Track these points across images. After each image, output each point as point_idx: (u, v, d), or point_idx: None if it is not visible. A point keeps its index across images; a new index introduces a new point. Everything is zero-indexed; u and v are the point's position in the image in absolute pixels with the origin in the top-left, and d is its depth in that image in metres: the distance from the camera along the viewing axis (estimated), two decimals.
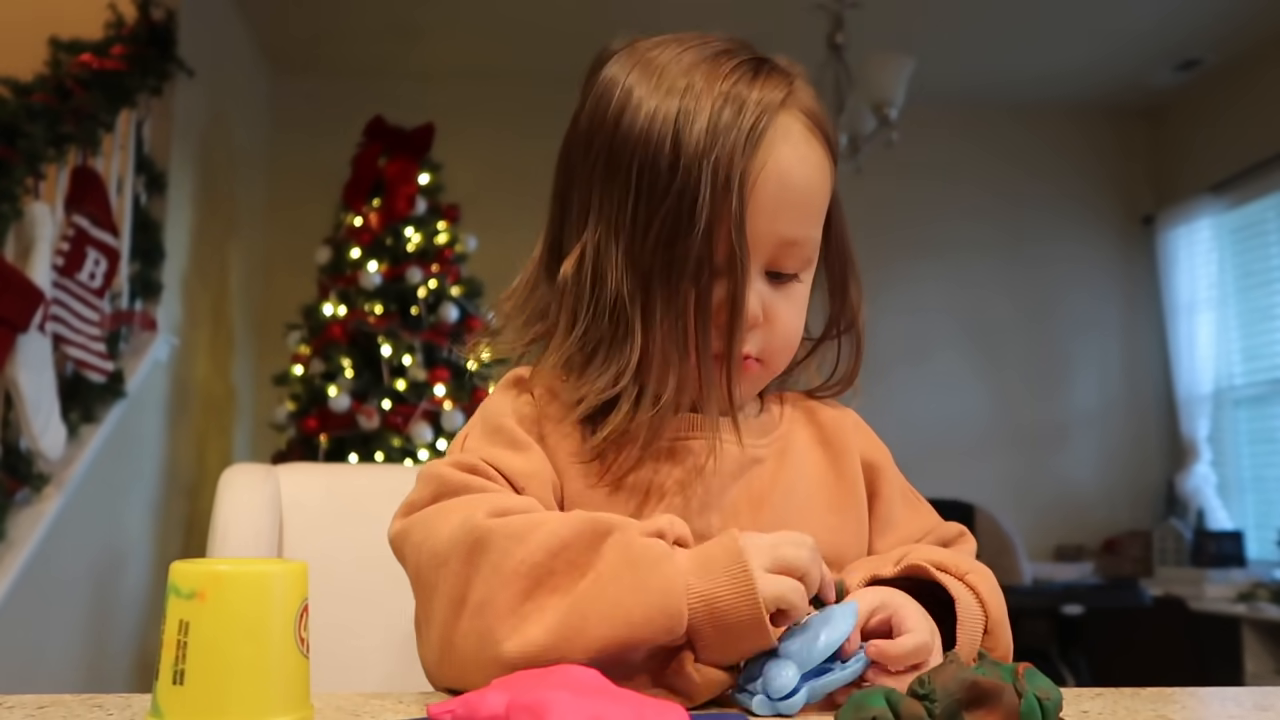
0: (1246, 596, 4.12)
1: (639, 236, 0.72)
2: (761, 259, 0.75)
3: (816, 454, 0.83)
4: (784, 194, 0.74)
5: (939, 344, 5.11)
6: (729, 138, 0.71)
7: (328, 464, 2.78)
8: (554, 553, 0.63)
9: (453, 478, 0.72)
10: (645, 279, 0.72)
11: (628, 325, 0.73)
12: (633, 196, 0.72)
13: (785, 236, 0.75)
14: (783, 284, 0.77)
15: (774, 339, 0.77)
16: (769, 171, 0.72)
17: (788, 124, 0.75)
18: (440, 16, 4.47)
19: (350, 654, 0.94)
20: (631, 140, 0.73)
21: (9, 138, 2.62)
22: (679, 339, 0.72)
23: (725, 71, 0.74)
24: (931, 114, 4.71)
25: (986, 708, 0.51)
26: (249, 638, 0.53)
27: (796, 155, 0.75)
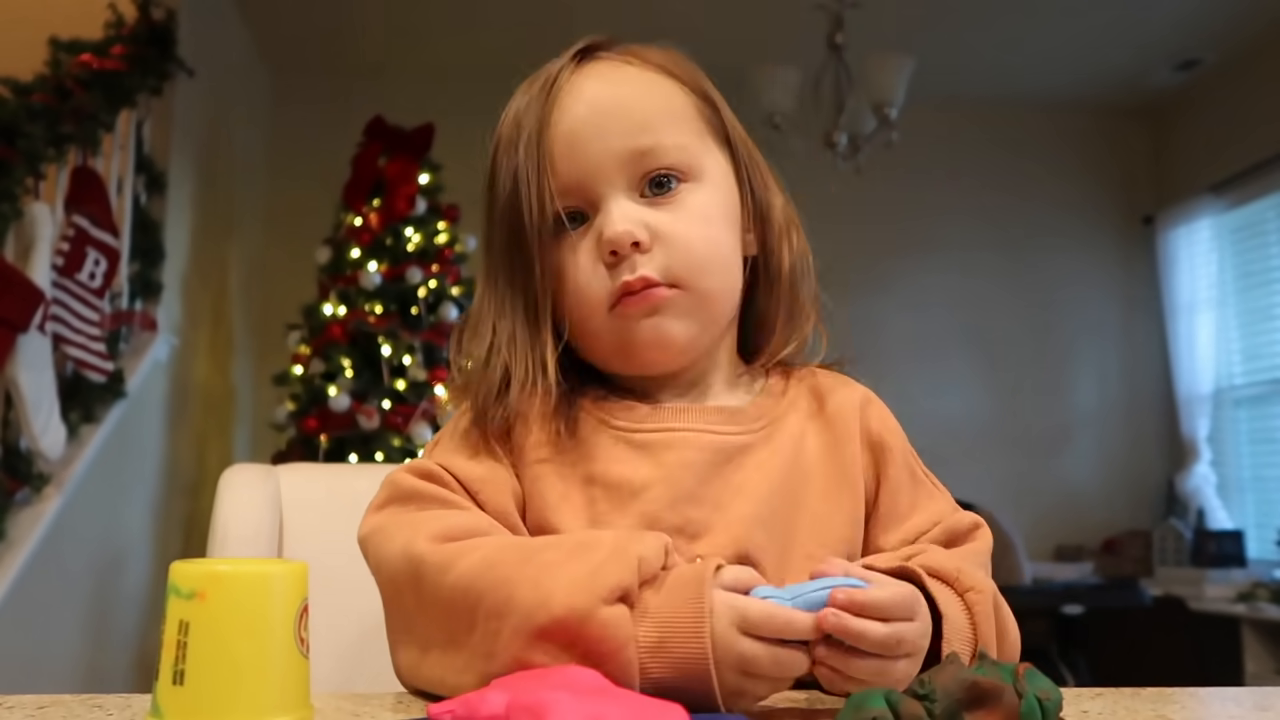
0: (1246, 596, 4.12)
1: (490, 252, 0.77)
2: (618, 183, 0.73)
3: (813, 437, 0.78)
4: (597, 115, 0.73)
5: (939, 343, 5.11)
6: (527, 114, 0.74)
7: (328, 464, 2.78)
8: (480, 573, 0.62)
9: (404, 483, 0.73)
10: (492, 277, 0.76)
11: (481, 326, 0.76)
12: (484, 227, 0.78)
13: (623, 150, 0.73)
14: (663, 198, 0.73)
15: (674, 256, 0.72)
16: (572, 107, 0.73)
17: (591, 68, 0.76)
18: (440, 16, 4.47)
19: (350, 654, 0.94)
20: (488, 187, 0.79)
21: (9, 138, 2.62)
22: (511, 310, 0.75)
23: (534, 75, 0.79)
24: (931, 114, 4.71)
25: (986, 708, 0.51)
26: (249, 638, 0.53)
27: (602, 83, 0.75)
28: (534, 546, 0.64)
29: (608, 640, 0.58)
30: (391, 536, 0.68)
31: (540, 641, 0.59)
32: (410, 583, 0.65)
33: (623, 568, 0.59)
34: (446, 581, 0.63)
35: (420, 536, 0.66)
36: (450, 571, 0.63)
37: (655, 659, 0.58)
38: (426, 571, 0.64)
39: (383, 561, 0.69)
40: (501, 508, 0.72)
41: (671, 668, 0.58)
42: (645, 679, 0.58)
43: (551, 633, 0.58)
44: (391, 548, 0.68)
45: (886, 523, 0.78)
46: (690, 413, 0.75)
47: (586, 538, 0.63)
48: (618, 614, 0.58)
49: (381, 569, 0.69)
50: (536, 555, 0.62)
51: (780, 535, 0.73)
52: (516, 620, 0.59)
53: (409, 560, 0.65)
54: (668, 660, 0.58)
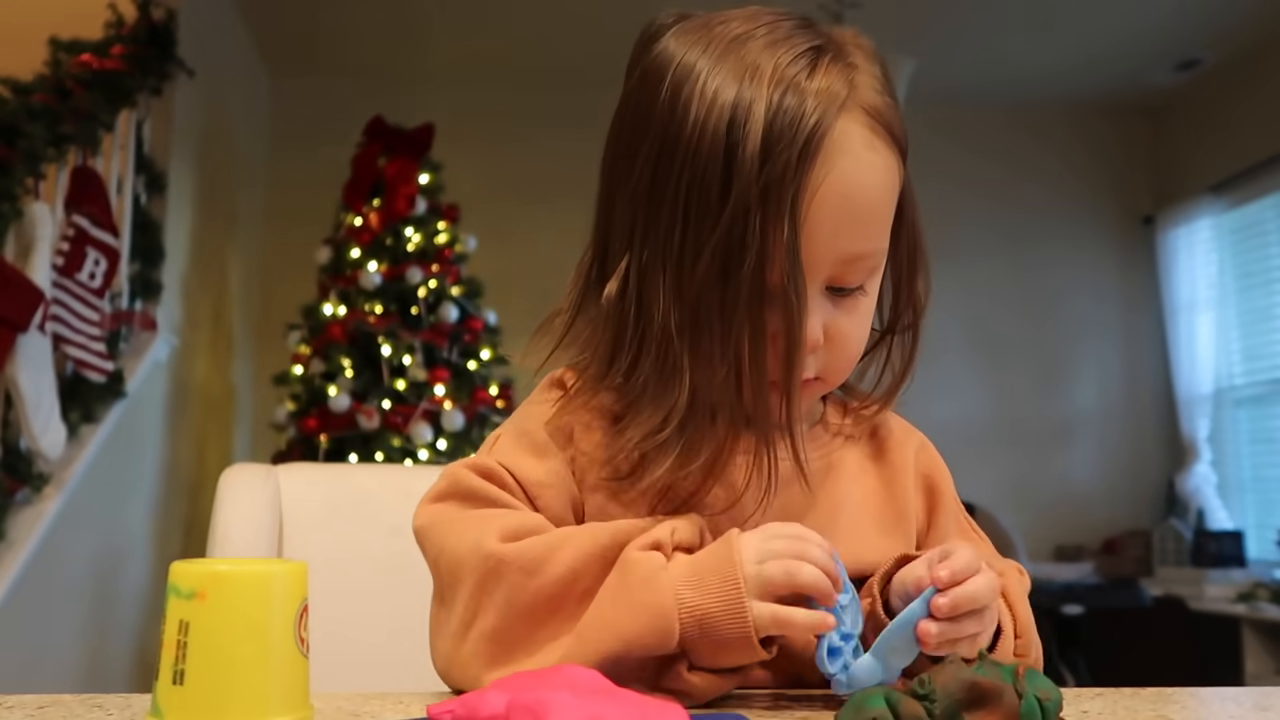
0: (1246, 596, 4.12)
1: (688, 265, 0.67)
2: (821, 278, 0.70)
3: (869, 471, 0.80)
4: (843, 210, 0.68)
5: (939, 343, 5.11)
6: (782, 157, 0.65)
7: (328, 464, 2.78)
8: (566, 584, 0.65)
9: (465, 480, 0.72)
10: (694, 312, 0.67)
11: (675, 364, 0.68)
12: (680, 223, 0.67)
13: (847, 253, 0.70)
14: (846, 298, 0.72)
15: (835, 358, 0.73)
16: (826, 189, 0.67)
17: (847, 130, 0.68)
18: (440, 16, 4.47)
19: (350, 654, 0.94)
20: (680, 153, 0.67)
21: (9, 138, 2.62)
22: (733, 374, 0.68)
23: (784, 64, 0.67)
24: (931, 114, 4.70)
25: (987, 708, 0.51)
26: (249, 638, 0.53)
27: (857, 166, 0.68)
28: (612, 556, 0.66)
29: (639, 572, 0.63)
30: (458, 530, 0.70)
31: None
32: (485, 576, 0.66)
33: (656, 530, 0.66)
34: (530, 588, 0.65)
35: (490, 535, 0.67)
36: (537, 578, 0.65)
37: (689, 588, 0.63)
38: (507, 570, 0.66)
39: (446, 552, 0.70)
40: (558, 515, 0.72)
41: (704, 594, 0.63)
42: (684, 609, 0.62)
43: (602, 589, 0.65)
44: (461, 541, 0.69)
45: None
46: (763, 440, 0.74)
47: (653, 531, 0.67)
48: (649, 554, 0.64)
49: (443, 558, 0.70)
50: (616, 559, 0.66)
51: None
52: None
53: (484, 557, 0.67)
54: (700, 588, 0.63)
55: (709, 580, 0.63)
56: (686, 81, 0.68)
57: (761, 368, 0.68)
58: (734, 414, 0.70)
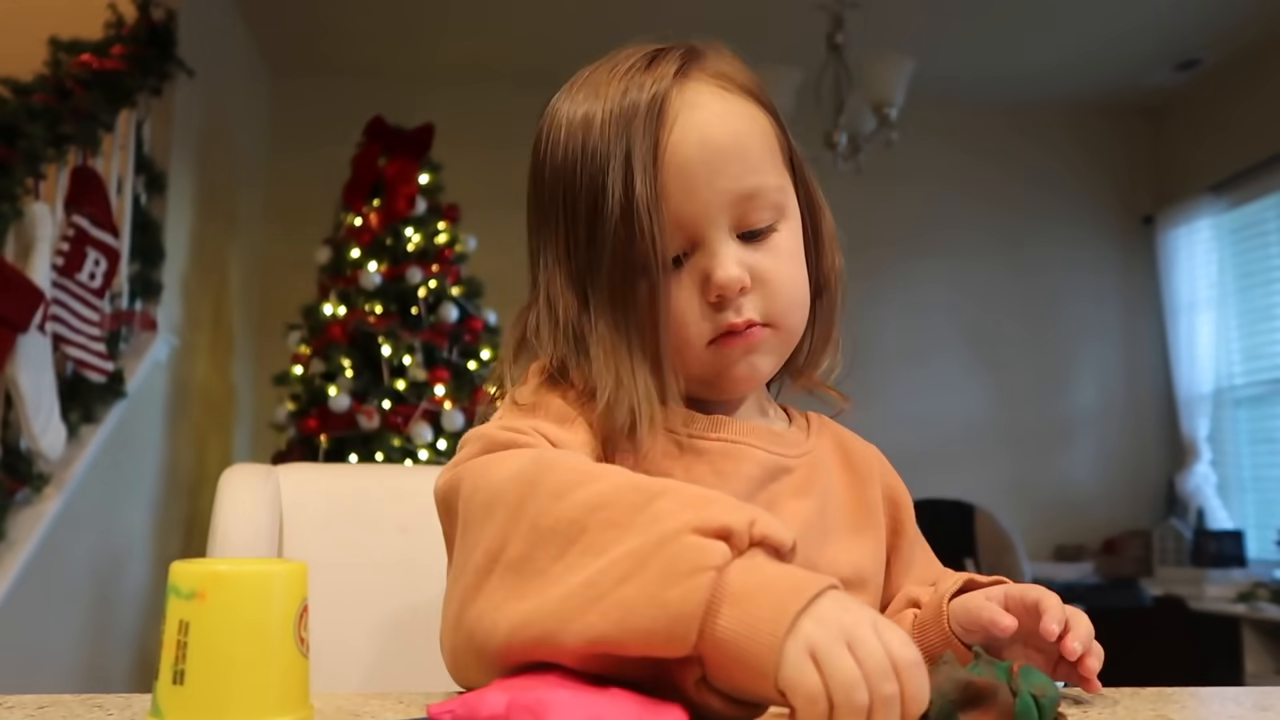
0: (1246, 596, 4.12)
1: (572, 252, 0.73)
2: (723, 222, 0.73)
3: (842, 476, 0.83)
4: (707, 152, 0.72)
5: (939, 343, 5.11)
6: (631, 126, 0.71)
7: (328, 464, 2.77)
8: (591, 510, 0.57)
9: (499, 436, 0.69)
10: (582, 292, 0.73)
11: (584, 342, 0.73)
12: (562, 220, 0.74)
13: (733, 192, 0.73)
14: (761, 239, 0.75)
15: (773, 300, 0.75)
16: (680, 139, 0.71)
17: (693, 90, 0.73)
18: (440, 16, 4.47)
19: (350, 654, 0.94)
20: (554, 166, 0.74)
21: (9, 138, 2.61)
22: (626, 343, 0.72)
23: (623, 70, 0.74)
24: (931, 114, 4.71)
25: (982, 708, 0.51)
26: (249, 638, 0.53)
27: (708, 113, 0.73)
28: (653, 491, 0.57)
29: (685, 560, 0.51)
30: (496, 464, 0.65)
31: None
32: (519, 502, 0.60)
33: (734, 513, 0.54)
34: (554, 512, 0.58)
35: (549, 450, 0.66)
36: (563, 501, 0.58)
37: (735, 607, 0.50)
38: (538, 494, 0.59)
39: (481, 488, 0.63)
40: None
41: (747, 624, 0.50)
42: (713, 630, 0.50)
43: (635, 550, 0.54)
44: (505, 466, 0.64)
45: (906, 569, 0.86)
46: (745, 429, 0.77)
47: (708, 493, 0.57)
48: (709, 543, 0.52)
49: (477, 496, 0.63)
50: (652, 503, 0.56)
51: (810, 560, 0.74)
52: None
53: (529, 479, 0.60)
54: (747, 613, 0.50)
55: (763, 607, 0.50)
56: (552, 124, 0.76)
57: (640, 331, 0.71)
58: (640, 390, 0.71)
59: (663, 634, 0.51)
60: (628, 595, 0.52)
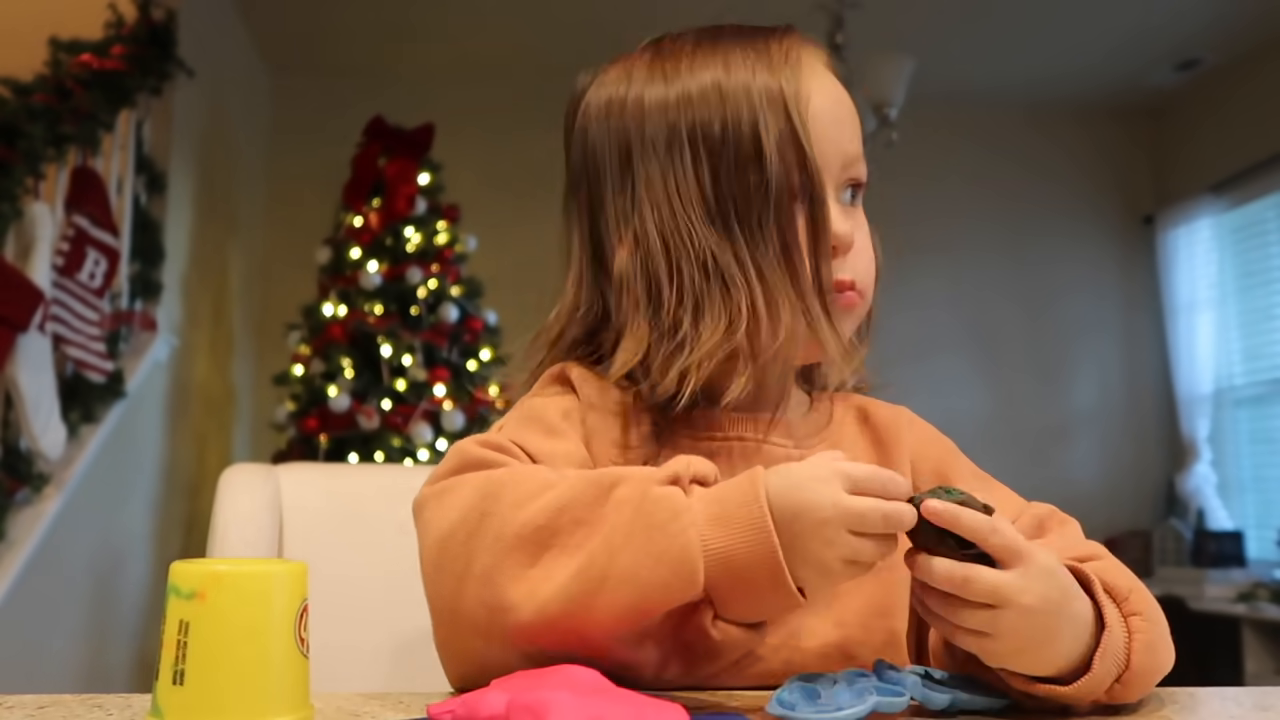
0: (1246, 596, 4.12)
1: (707, 187, 0.71)
2: (834, 181, 0.75)
3: (866, 454, 0.82)
4: (835, 111, 0.75)
5: (939, 343, 5.11)
6: (771, 70, 0.72)
7: (328, 464, 2.77)
8: (556, 512, 0.60)
9: (474, 452, 0.70)
10: (726, 224, 0.71)
11: (727, 273, 0.71)
12: (688, 155, 0.72)
13: (850, 153, 0.75)
14: (853, 209, 0.77)
15: (862, 264, 0.77)
16: (818, 95, 0.74)
17: (814, 57, 0.77)
18: (440, 16, 4.47)
19: (350, 654, 0.94)
20: (669, 111, 0.73)
21: (9, 138, 2.62)
22: (784, 268, 0.71)
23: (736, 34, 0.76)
24: (932, 114, 4.71)
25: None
26: (249, 638, 0.53)
27: (830, 80, 0.77)
28: (607, 482, 0.61)
29: (663, 508, 0.58)
30: (464, 486, 0.66)
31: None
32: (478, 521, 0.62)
33: (674, 465, 0.62)
34: (518, 520, 0.61)
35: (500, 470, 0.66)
36: (524, 509, 0.61)
37: (714, 527, 0.58)
38: (498, 507, 0.62)
39: (446, 512, 0.65)
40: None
41: (730, 535, 0.58)
42: (709, 552, 0.58)
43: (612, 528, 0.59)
44: (462, 491, 0.65)
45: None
46: (757, 424, 0.77)
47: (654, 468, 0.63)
48: (670, 490, 0.60)
49: (439, 520, 0.65)
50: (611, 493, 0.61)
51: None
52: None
53: (484, 496, 0.63)
54: (726, 528, 0.58)
55: (734, 516, 0.58)
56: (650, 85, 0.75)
57: (803, 262, 0.71)
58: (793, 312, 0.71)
59: (676, 580, 0.57)
60: (631, 563, 0.57)
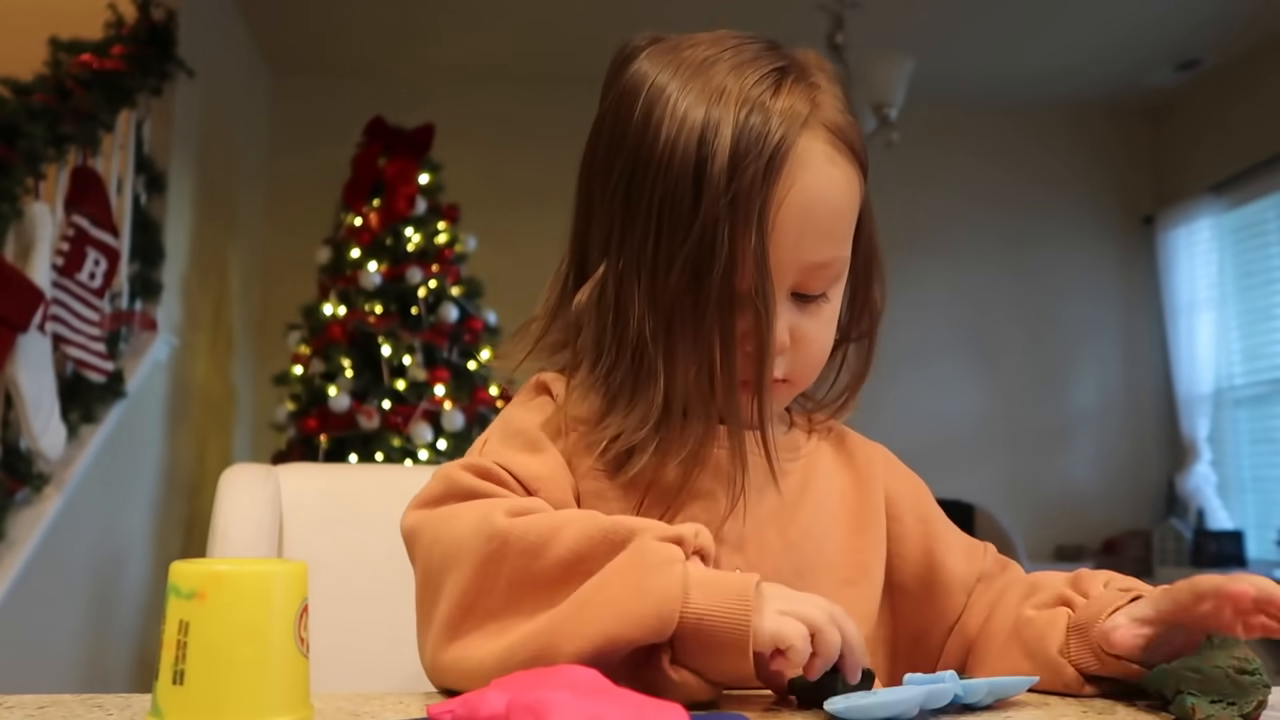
0: None
1: (661, 273, 0.71)
2: (787, 284, 0.74)
3: (842, 477, 0.84)
4: (805, 222, 0.72)
5: (939, 343, 5.11)
6: (749, 170, 0.69)
7: (328, 464, 2.77)
8: (569, 567, 0.63)
9: (462, 480, 0.71)
10: (668, 318, 0.71)
11: (651, 367, 0.72)
12: (654, 233, 0.71)
13: (810, 262, 0.74)
14: (810, 304, 0.76)
15: (802, 361, 0.77)
16: (790, 201, 0.71)
17: (809, 146, 0.72)
18: (440, 16, 4.47)
19: (350, 654, 0.94)
20: (653, 167, 0.71)
21: (9, 138, 2.62)
22: (705, 375, 0.72)
23: (751, 80, 0.72)
24: (931, 114, 4.71)
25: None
26: (249, 638, 0.53)
27: (818, 180, 0.73)
28: (619, 538, 0.63)
29: (657, 554, 0.61)
30: (458, 518, 0.68)
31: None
32: (487, 557, 0.64)
33: (683, 527, 0.64)
34: (534, 570, 0.63)
35: (497, 511, 0.66)
36: (540, 559, 0.63)
37: (699, 590, 0.60)
38: (510, 553, 0.64)
39: (442, 539, 0.68)
40: (563, 504, 0.73)
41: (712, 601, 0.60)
42: (687, 608, 0.60)
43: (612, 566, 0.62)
44: (461, 526, 0.67)
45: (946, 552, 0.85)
46: (743, 437, 0.77)
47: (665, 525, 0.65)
48: (669, 545, 0.62)
49: (438, 547, 0.68)
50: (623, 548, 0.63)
51: (810, 559, 0.78)
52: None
53: (488, 536, 0.65)
54: (710, 594, 0.60)
55: (722, 586, 0.61)
56: (658, 102, 0.72)
57: (732, 369, 0.72)
58: (707, 413, 0.73)
59: (653, 616, 0.59)
60: (613, 594, 0.60)
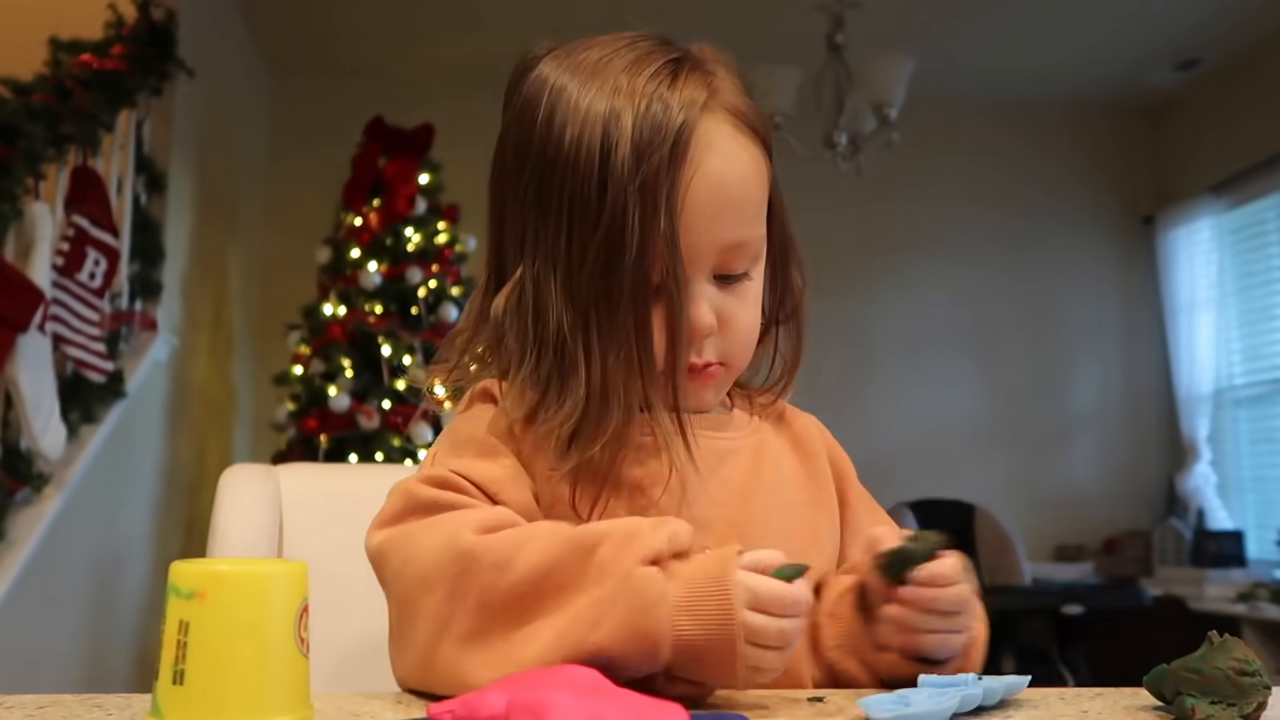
0: (1246, 596, 4.12)
1: (575, 268, 0.72)
2: (706, 267, 0.75)
3: (789, 454, 0.85)
4: (715, 202, 0.73)
5: (939, 343, 5.11)
6: (654, 157, 0.70)
7: (328, 464, 2.77)
8: (539, 578, 0.63)
9: (421, 494, 0.72)
10: (584, 311, 0.72)
11: (572, 359, 0.73)
12: (565, 229, 0.72)
13: (725, 241, 0.74)
14: (733, 284, 0.77)
15: (732, 342, 0.77)
16: (697, 183, 0.72)
17: (713, 128, 0.74)
18: (440, 16, 4.47)
19: (350, 654, 0.94)
20: (560, 166, 0.72)
21: (9, 138, 2.61)
22: (624, 365, 0.72)
23: (646, 76, 0.73)
24: (931, 114, 4.71)
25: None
26: (249, 638, 0.53)
27: (724, 160, 0.74)
28: (589, 544, 0.64)
29: (645, 594, 0.61)
30: (425, 538, 0.68)
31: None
32: (456, 578, 0.65)
33: (655, 538, 0.64)
34: (502, 585, 0.64)
35: (465, 528, 0.66)
36: (508, 573, 0.64)
37: (685, 616, 0.62)
38: (478, 569, 0.64)
39: (413, 561, 0.68)
40: (524, 504, 0.74)
41: (700, 625, 0.62)
42: (678, 638, 0.61)
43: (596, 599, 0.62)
44: (430, 547, 0.67)
45: (853, 538, 0.85)
46: (691, 419, 0.78)
47: (629, 525, 0.65)
48: (652, 572, 0.62)
49: (409, 568, 0.68)
50: (593, 555, 0.64)
51: (764, 532, 0.78)
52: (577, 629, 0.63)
53: (456, 556, 0.65)
54: (697, 618, 0.62)
55: (706, 608, 0.62)
56: (559, 104, 0.74)
57: (650, 357, 0.73)
58: (628, 402, 0.73)
59: (644, 661, 0.62)
60: (605, 637, 0.61)
